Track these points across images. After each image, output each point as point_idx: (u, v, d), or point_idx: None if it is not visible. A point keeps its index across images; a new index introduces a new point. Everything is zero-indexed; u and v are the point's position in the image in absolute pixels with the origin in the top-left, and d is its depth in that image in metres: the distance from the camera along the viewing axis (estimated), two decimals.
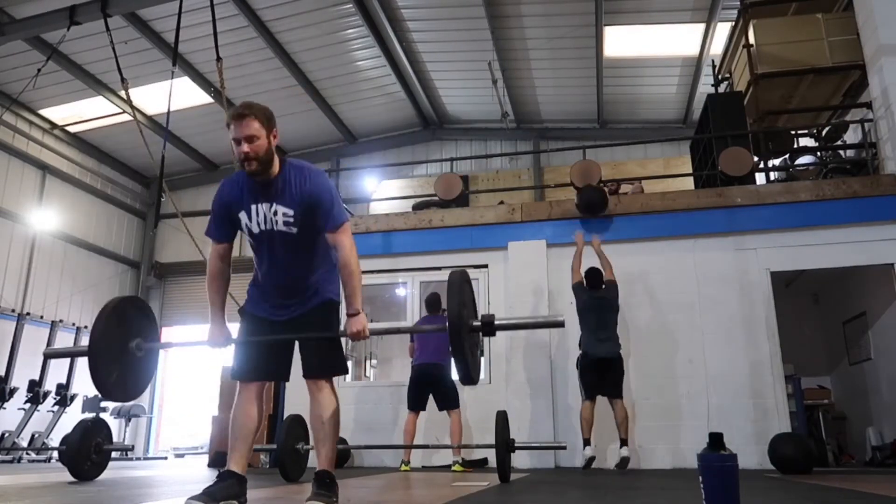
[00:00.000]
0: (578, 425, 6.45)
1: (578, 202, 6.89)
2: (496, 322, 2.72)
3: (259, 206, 2.68)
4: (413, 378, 6.16)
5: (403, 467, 6.05)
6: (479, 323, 2.72)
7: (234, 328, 2.87)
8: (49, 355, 4.15)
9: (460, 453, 6.01)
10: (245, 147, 2.56)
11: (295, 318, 2.77)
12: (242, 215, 2.70)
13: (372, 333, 2.75)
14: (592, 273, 6.04)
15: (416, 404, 6.10)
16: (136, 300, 3.12)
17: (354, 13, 10.23)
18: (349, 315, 2.73)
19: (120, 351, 2.82)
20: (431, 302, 6.42)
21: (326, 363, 2.77)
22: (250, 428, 2.72)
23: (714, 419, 6.14)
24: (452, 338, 2.54)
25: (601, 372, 5.74)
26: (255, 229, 2.70)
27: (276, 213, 2.67)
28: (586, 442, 5.64)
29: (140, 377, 2.94)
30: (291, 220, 2.67)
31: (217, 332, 2.76)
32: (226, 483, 2.59)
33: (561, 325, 2.84)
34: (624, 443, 5.63)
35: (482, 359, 7.42)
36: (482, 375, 7.22)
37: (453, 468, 5.95)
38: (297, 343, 2.82)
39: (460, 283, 2.68)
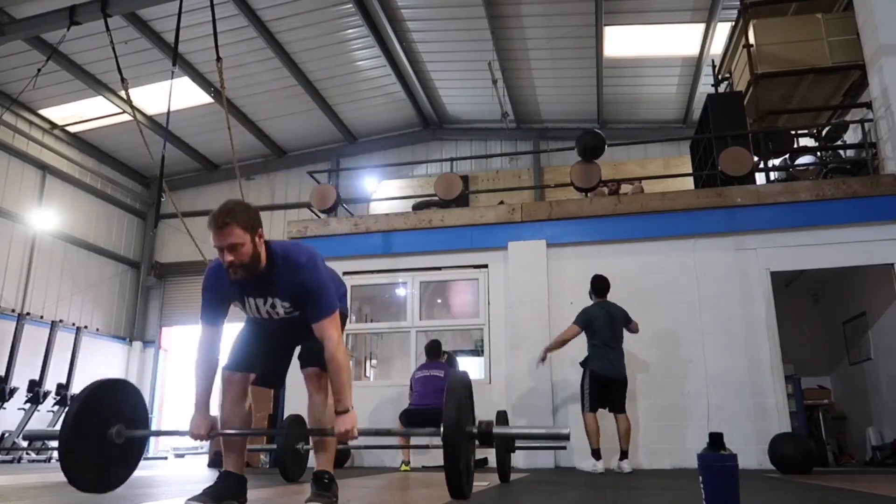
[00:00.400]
0: (576, 425, 6.47)
1: (577, 146, 6.99)
2: (495, 431, 2.54)
3: (254, 299, 2.61)
4: (410, 414, 6.13)
5: (403, 467, 6.05)
6: (476, 431, 2.53)
7: (236, 327, 2.86)
8: (27, 437, 4.02)
9: None
10: (229, 256, 2.42)
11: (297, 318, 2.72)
12: (237, 304, 2.67)
13: (361, 434, 2.55)
14: (599, 281, 5.92)
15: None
16: (122, 382, 2.84)
17: (354, 13, 10.23)
18: (338, 413, 2.51)
19: (96, 439, 2.58)
20: (431, 349, 6.46)
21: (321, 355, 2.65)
22: (241, 425, 2.71)
23: (714, 419, 6.14)
24: (446, 448, 2.31)
25: (609, 390, 5.64)
26: (255, 315, 2.68)
27: (273, 307, 2.61)
28: (596, 454, 5.50)
29: (119, 466, 2.70)
30: (291, 308, 2.62)
31: (200, 421, 2.59)
32: (225, 484, 2.60)
33: (566, 438, 2.58)
34: (625, 455, 5.53)
35: (481, 358, 7.43)
36: (482, 375, 7.25)
37: None
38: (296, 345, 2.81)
39: (460, 386, 2.48)
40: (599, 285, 5.92)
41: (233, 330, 2.85)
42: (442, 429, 2.29)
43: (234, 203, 2.48)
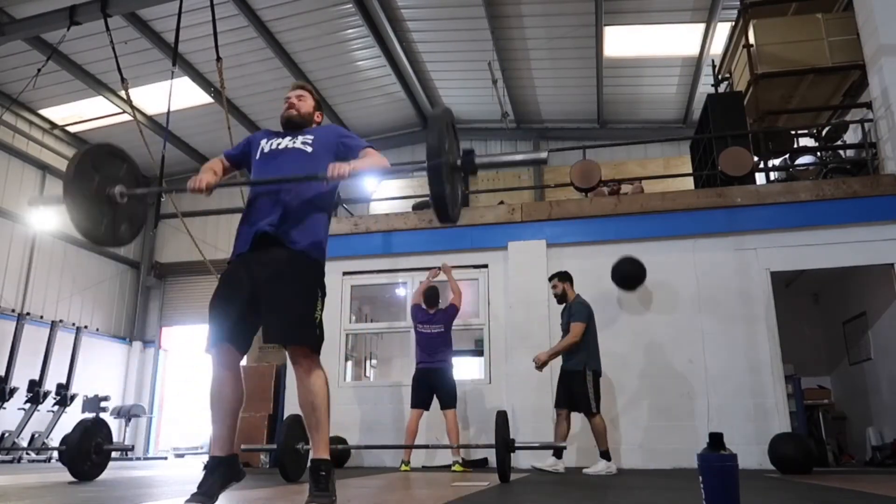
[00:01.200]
0: (576, 425, 6.47)
1: (613, 275, 6.38)
2: (478, 161, 2.60)
3: (282, 138, 2.90)
4: (416, 378, 6.16)
5: (403, 467, 6.05)
6: (459, 161, 2.60)
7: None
8: (33, 203, 4.18)
9: (460, 453, 6.01)
10: (293, 98, 2.95)
11: (274, 249, 2.64)
12: (262, 141, 2.92)
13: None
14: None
15: (419, 403, 6.09)
16: (118, 150, 2.97)
17: (354, 13, 10.23)
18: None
19: (98, 197, 2.79)
20: (429, 296, 6.39)
21: (298, 326, 2.58)
22: (228, 406, 2.60)
23: (714, 419, 6.14)
24: (431, 175, 2.40)
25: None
26: (267, 148, 2.88)
27: (295, 140, 2.87)
28: (608, 454, 5.41)
29: (128, 223, 2.94)
30: (310, 141, 2.87)
31: (201, 177, 2.83)
32: (217, 473, 2.54)
33: (544, 161, 2.74)
34: (606, 455, 5.39)
35: (481, 358, 7.43)
36: (482, 375, 7.25)
37: (453, 468, 5.95)
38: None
39: (441, 118, 2.52)
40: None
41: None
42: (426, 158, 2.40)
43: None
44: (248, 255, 2.70)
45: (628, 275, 6.31)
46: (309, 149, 2.84)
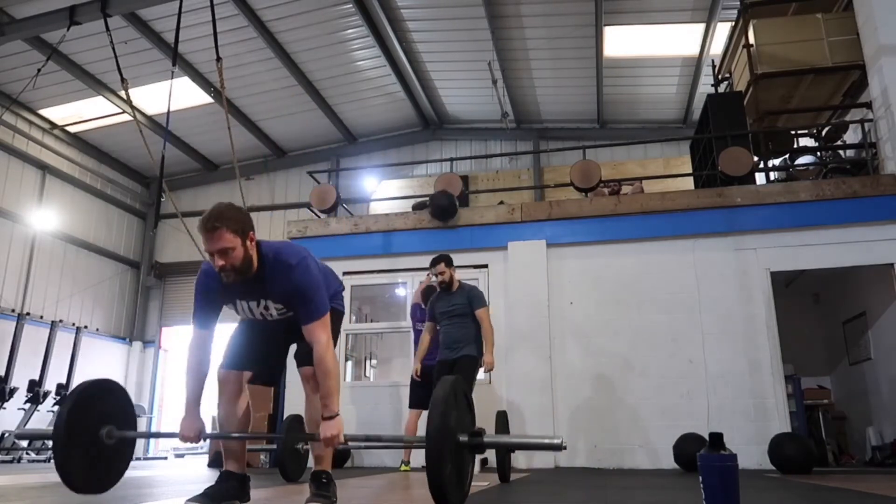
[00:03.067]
0: (578, 425, 6.48)
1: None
2: (486, 440, 2.38)
3: (247, 302, 2.64)
4: (415, 378, 6.10)
5: (403, 467, 6.04)
6: (467, 440, 2.34)
7: (230, 327, 2.84)
8: (20, 437, 4.07)
9: None
10: (220, 261, 2.43)
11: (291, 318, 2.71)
12: (230, 307, 2.70)
13: (350, 440, 2.54)
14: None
15: (418, 403, 6.01)
16: (110, 383, 2.83)
17: (354, 13, 10.23)
18: (324, 418, 2.49)
19: (88, 439, 2.59)
20: (427, 295, 6.33)
21: (308, 310, 2.59)
22: (238, 424, 2.69)
23: (714, 419, 6.14)
24: (429, 457, 2.17)
25: None
26: (248, 317, 2.72)
27: (267, 308, 2.64)
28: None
29: (110, 467, 2.71)
30: (284, 310, 2.66)
31: (189, 424, 2.56)
32: (226, 484, 2.60)
33: (562, 448, 2.39)
34: None
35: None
36: (481, 376, 7.26)
37: None
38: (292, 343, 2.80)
39: (449, 392, 2.29)
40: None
41: (227, 329, 2.85)
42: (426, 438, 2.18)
43: (224, 206, 2.46)
44: None
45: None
46: (290, 313, 2.65)
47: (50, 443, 10.03)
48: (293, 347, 2.91)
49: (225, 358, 2.74)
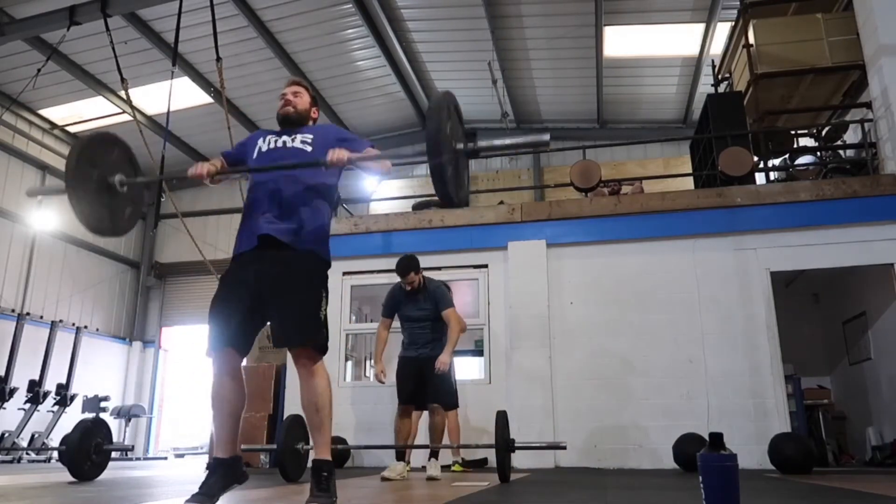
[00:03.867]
0: (578, 425, 6.48)
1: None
2: (479, 145, 2.56)
3: (280, 137, 2.89)
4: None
5: (458, 467, 6.02)
6: (463, 146, 2.52)
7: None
8: (31, 193, 4.15)
9: (460, 453, 6.00)
10: (289, 95, 2.97)
11: (277, 250, 2.62)
12: (260, 142, 2.90)
13: (351, 160, 2.64)
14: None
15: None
16: (110, 137, 2.96)
17: (354, 13, 10.23)
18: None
19: (99, 185, 2.77)
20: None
21: (304, 328, 2.58)
22: (230, 408, 2.60)
23: (714, 419, 6.14)
24: (430, 150, 2.33)
25: None
26: (265, 148, 2.86)
27: (294, 139, 2.87)
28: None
29: (126, 211, 2.91)
30: (309, 141, 2.85)
31: (203, 164, 2.81)
32: (218, 474, 2.54)
33: (546, 143, 2.66)
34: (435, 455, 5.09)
35: (481, 358, 7.42)
36: (481, 375, 7.25)
37: (453, 468, 5.94)
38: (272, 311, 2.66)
39: (443, 101, 2.43)
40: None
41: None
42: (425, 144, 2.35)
43: None
44: (250, 255, 2.69)
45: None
46: (308, 148, 2.82)
47: (50, 444, 10.08)
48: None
49: (211, 341, 2.61)
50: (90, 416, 6.71)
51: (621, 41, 10.63)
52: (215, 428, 2.62)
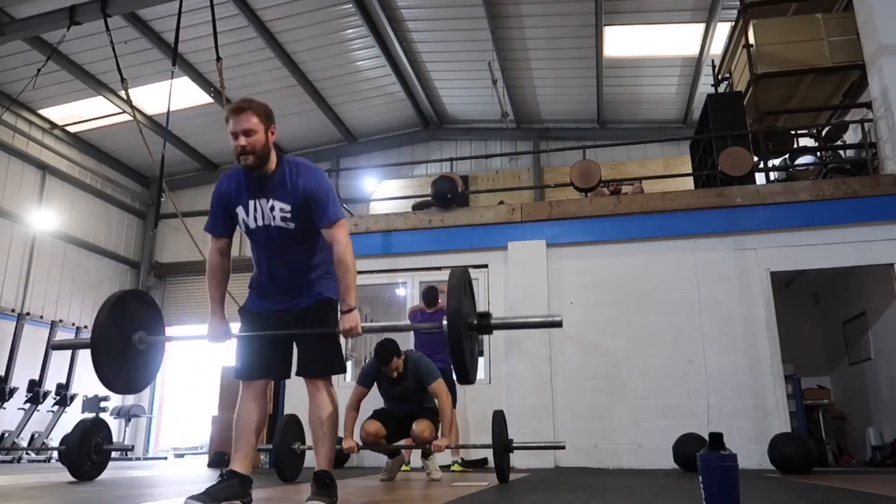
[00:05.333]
0: (578, 425, 6.48)
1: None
2: (493, 322, 2.74)
3: (256, 201, 2.70)
4: None
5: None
6: (476, 322, 2.71)
7: (235, 328, 2.87)
8: (55, 347, 4.18)
9: (459, 453, 6.00)
10: (242, 141, 2.58)
11: (294, 312, 2.75)
12: (240, 210, 2.72)
13: (366, 331, 2.74)
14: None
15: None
16: (140, 293, 3.12)
17: (354, 13, 10.23)
18: (343, 312, 2.68)
19: (122, 344, 2.82)
20: (429, 297, 6.40)
21: (322, 362, 2.74)
22: (252, 427, 2.72)
23: (714, 419, 6.14)
24: (451, 337, 2.50)
25: None
26: (252, 224, 2.72)
27: (272, 209, 2.68)
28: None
29: (143, 371, 2.95)
30: (289, 215, 2.68)
31: (217, 326, 2.77)
32: (227, 483, 2.59)
33: (559, 325, 2.79)
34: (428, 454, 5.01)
35: (481, 359, 7.42)
36: (481, 375, 7.25)
37: (452, 468, 5.94)
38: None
39: (460, 281, 2.64)
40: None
41: (233, 327, 2.86)
42: (445, 321, 2.52)
43: (252, 98, 2.70)
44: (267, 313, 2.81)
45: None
46: (291, 225, 2.69)
47: (50, 444, 10.07)
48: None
49: (238, 367, 2.78)
50: (90, 416, 6.72)
51: (621, 41, 10.63)
52: (235, 441, 2.72)
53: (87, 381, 11.86)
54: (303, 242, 2.73)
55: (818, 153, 7.99)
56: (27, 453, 9.97)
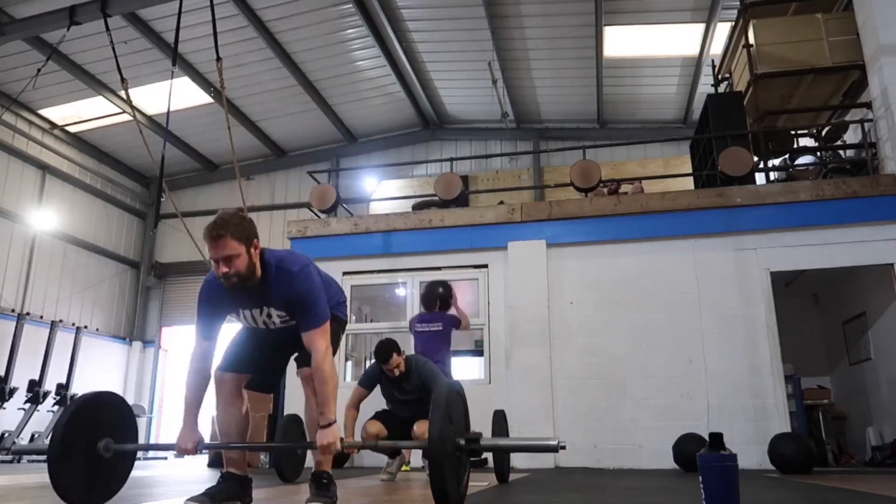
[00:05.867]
0: (578, 425, 6.48)
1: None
2: (483, 443, 2.48)
3: (250, 311, 2.64)
4: None
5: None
6: (464, 442, 2.45)
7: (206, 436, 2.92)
8: (16, 452, 3.94)
9: None
10: (223, 268, 2.44)
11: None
12: (233, 316, 2.70)
13: (347, 447, 2.59)
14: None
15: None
16: (112, 395, 2.82)
17: (354, 13, 10.23)
18: (321, 426, 2.50)
19: (83, 453, 2.56)
20: (427, 298, 6.34)
21: (309, 319, 2.62)
22: (236, 427, 2.70)
23: (714, 419, 6.14)
24: (431, 459, 2.29)
25: None
26: (252, 325, 2.70)
27: (270, 316, 2.64)
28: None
29: (107, 481, 2.67)
30: (287, 317, 2.65)
31: (188, 435, 2.57)
32: (226, 484, 2.60)
33: (555, 450, 2.49)
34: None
35: (481, 358, 7.43)
36: (482, 375, 7.25)
37: None
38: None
39: (447, 397, 2.40)
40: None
41: (230, 330, 2.85)
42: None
43: (229, 215, 2.49)
44: None
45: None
46: (293, 322, 2.65)
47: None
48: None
49: (224, 360, 2.75)
50: None
51: (621, 41, 10.63)
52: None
53: (87, 382, 11.87)
54: (298, 340, 2.68)
55: (818, 153, 7.99)
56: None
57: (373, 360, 10.07)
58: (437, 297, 6.38)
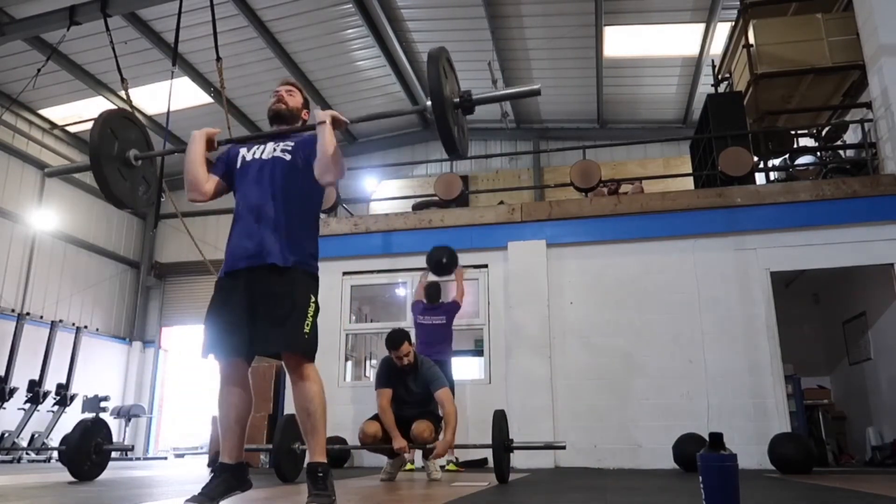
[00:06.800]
0: (578, 425, 6.48)
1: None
2: (475, 97, 2.66)
3: (262, 146, 2.87)
4: None
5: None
6: (458, 99, 2.64)
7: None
8: (50, 174, 4.31)
9: (454, 452, 5.99)
10: (283, 91, 2.93)
11: (266, 269, 2.61)
12: (243, 151, 2.89)
13: (353, 121, 2.84)
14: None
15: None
16: (124, 112, 3.19)
17: (354, 13, 10.24)
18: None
19: (119, 160, 2.92)
20: (431, 293, 6.42)
21: (284, 337, 2.56)
22: (236, 414, 2.61)
23: (714, 419, 6.14)
24: (436, 110, 2.48)
25: None
26: (249, 157, 2.84)
27: (276, 148, 2.84)
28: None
29: (144, 186, 3.06)
30: (290, 150, 2.81)
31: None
32: (221, 479, 2.55)
33: (537, 93, 2.74)
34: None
35: (481, 358, 7.43)
36: (482, 375, 7.24)
37: (447, 467, 5.94)
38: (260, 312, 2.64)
39: (440, 62, 2.55)
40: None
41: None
42: (429, 102, 2.51)
43: None
44: (239, 273, 2.68)
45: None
46: (287, 157, 2.78)
47: (50, 444, 10.07)
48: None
49: (208, 342, 2.62)
50: (90, 416, 6.70)
51: (621, 41, 10.64)
52: (221, 433, 2.63)
53: (87, 382, 11.88)
54: (292, 180, 2.75)
55: (818, 153, 7.99)
56: (27, 453, 9.97)
57: (373, 360, 10.06)
58: (440, 291, 6.49)
